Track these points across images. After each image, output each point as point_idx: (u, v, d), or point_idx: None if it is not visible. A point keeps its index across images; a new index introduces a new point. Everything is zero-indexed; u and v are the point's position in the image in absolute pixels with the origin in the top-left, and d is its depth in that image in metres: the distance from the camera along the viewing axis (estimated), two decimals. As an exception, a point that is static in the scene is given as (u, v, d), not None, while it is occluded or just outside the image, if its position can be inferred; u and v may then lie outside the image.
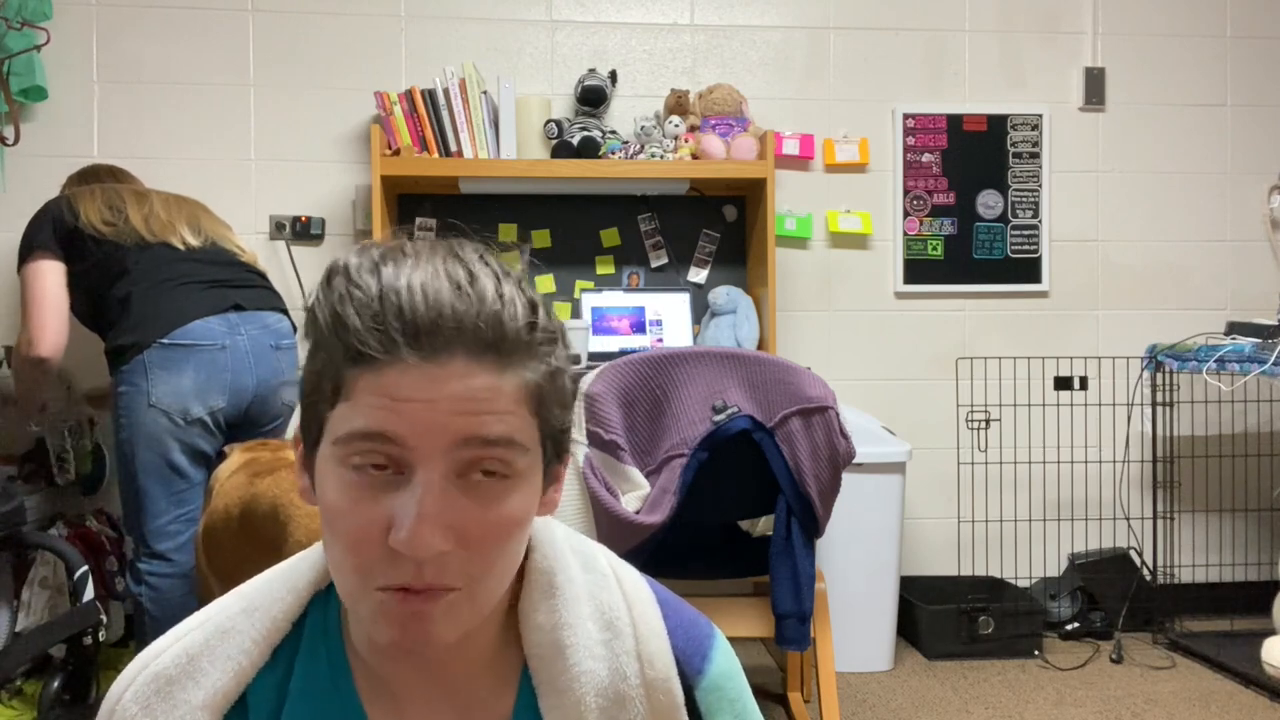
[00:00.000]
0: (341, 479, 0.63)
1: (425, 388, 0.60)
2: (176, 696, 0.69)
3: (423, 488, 0.60)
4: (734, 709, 0.75)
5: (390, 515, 0.61)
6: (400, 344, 0.60)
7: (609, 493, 1.93)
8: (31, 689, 2.44)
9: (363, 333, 0.61)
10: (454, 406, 0.61)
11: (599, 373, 1.99)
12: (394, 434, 0.60)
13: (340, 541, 0.63)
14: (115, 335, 2.25)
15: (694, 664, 0.74)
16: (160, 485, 2.22)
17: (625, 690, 0.70)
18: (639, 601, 0.74)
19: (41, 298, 2.27)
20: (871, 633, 2.80)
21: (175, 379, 2.19)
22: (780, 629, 2.02)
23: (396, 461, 0.62)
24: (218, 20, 3.04)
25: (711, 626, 0.77)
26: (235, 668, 0.70)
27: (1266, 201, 3.39)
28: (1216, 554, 3.31)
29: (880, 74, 3.27)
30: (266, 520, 1.99)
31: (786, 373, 2.00)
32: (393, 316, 0.60)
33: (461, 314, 0.61)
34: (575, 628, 0.71)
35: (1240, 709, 2.48)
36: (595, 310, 3.03)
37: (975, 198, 3.28)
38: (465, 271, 0.63)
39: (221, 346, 2.24)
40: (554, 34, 3.18)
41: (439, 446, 0.61)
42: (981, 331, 3.29)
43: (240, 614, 0.72)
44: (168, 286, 2.26)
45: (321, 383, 0.64)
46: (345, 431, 0.62)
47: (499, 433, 0.62)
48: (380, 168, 2.80)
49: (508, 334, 0.62)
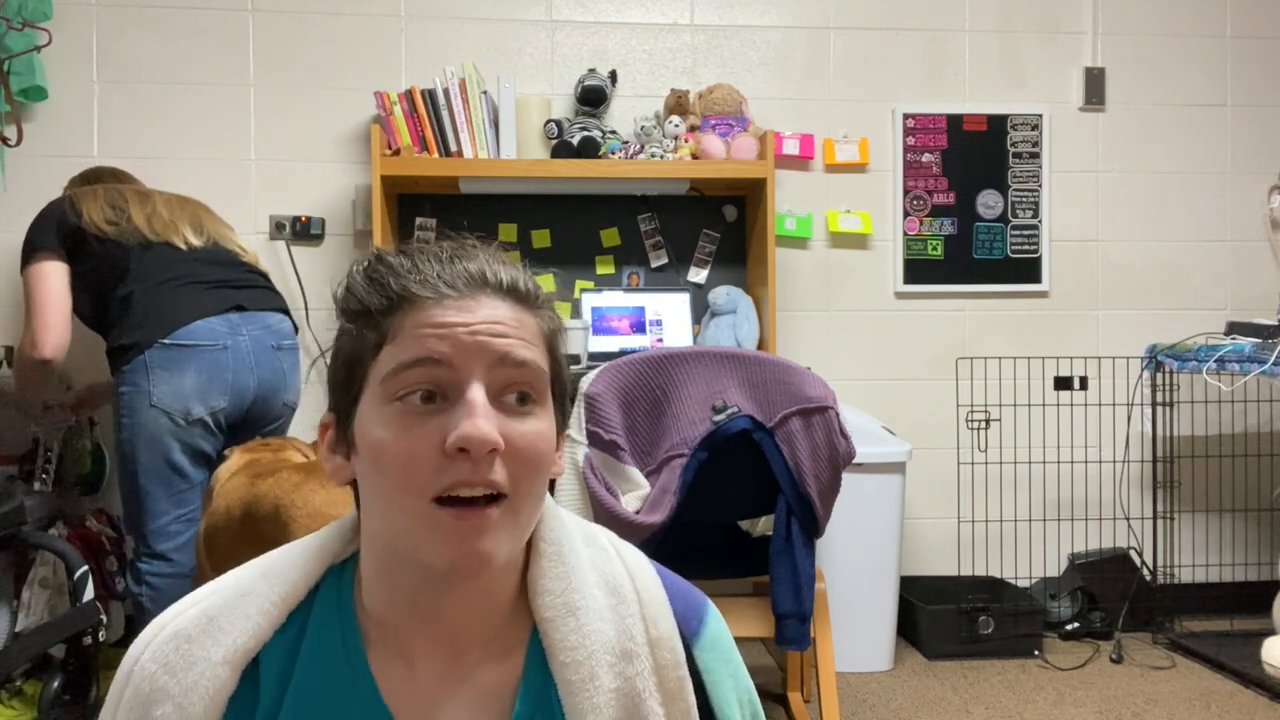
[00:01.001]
0: (389, 413, 0.70)
1: (463, 315, 0.71)
2: (195, 653, 0.73)
3: (472, 395, 0.69)
4: (729, 666, 0.81)
5: (443, 431, 0.69)
6: (440, 285, 0.72)
7: (609, 493, 1.93)
8: (31, 689, 2.44)
9: (406, 280, 0.72)
10: (489, 330, 0.71)
11: (599, 373, 1.99)
12: (441, 354, 0.69)
13: (392, 466, 0.69)
14: (117, 335, 2.25)
15: (691, 625, 0.80)
16: (161, 485, 2.22)
17: (632, 647, 0.75)
18: (640, 571, 0.80)
19: (46, 299, 2.26)
20: (871, 633, 2.80)
21: (177, 379, 2.19)
22: (780, 629, 2.02)
23: (443, 387, 0.70)
24: (218, 20, 3.04)
25: (704, 596, 0.84)
26: (254, 626, 0.74)
27: (1266, 201, 3.39)
28: (1216, 554, 3.31)
29: (880, 74, 3.27)
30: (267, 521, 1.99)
31: (786, 373, 2.00)
32: (427, 267, 0.73)
33: (483, 268, 0.74)
34: (583, 591, 0.76)
35: (1240, 709, 2.48)
36: (595, 310, 3.03)
37: (975, 198, 3.28)
38: (480, 250, 0.76)
39: (223, 347, 2.24)
40: (554, 34, 3.18)
41: (480, 364, 0.70)
42: (981, 331, 3.29)
43: (260, 578, 0.77)
44: (170, 286, 2.26)
45: (362, 340, 0.73)
46: (394, 365, 0.70)
47: (527, 356, 0.72)
48: (380, 168, 2.80)
49: (521, 288, 0.75)
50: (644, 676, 0.74)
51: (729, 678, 0.80)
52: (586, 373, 2.02)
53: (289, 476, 2.07)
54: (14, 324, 2.94)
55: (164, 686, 0.72)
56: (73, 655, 2.33)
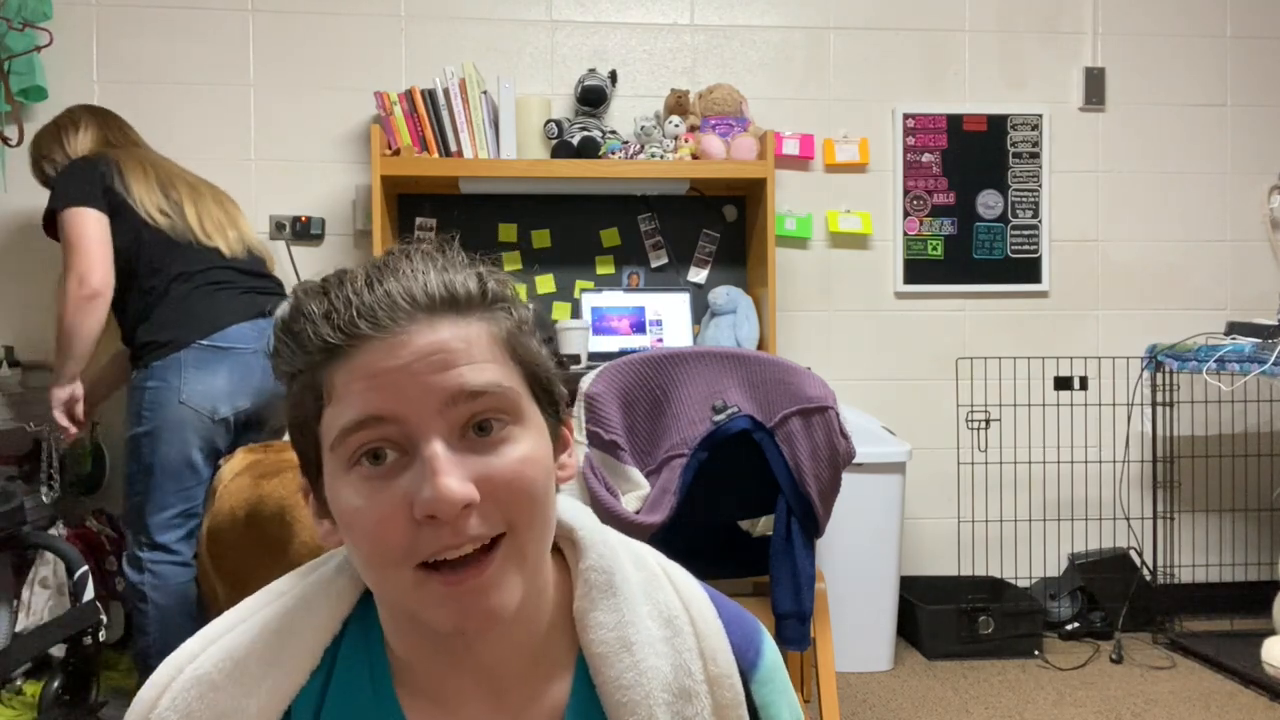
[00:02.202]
0: (350, 483, 0.62)
1: (394, 354, 0.61)
2: (223, 704, 0.65)
3: (430, 451, 0.60)
4: (787, 698, 0.75)
5: (408, 495, 0.61)
6: (359, 326, 0.61)
7: (609, 493, 1.93)
8: (31, 689, 2.43)
9: (323, 329, 0.62)
10: (428, 364, 0.61)
11: (599, 373, 1.99)
12: (383, 411, 0.61)
13: (366, 540, 0.62)
14: (150, 330, 2.26)
15: (749, 657, 0.74)
16: (173, 480, 2.25)
17: (690, 685, 0.70)
18: (695, 600, 0.74)
19: (89, 239, 2.19)
20: (871, 633, 2.80)
21: (210, 379, 2.23)
22: (780, 629, 2.01)
23: (397, 443, 0.62)
24: (218, 20, 3.04)
25: (757, 620, 0.77)
26: (293, 669, 0.67)
27: (1266, 201, 3.39)
28: (1216, 554, 3.31)
29: (880, 74, 3.27)
30: (272, 522, 1.99)
31: (786, 373, 1.99)
32: (344, 307, 0.62)
33: (408, 287, 0.63)
34: (638, 625, 0.70)
35: (1240, 709, 2.47)
36: (595, 310, 3.03)
37: (975, 198, 3.28)
38: (404, 261, 0.65)
39: (254, 351, 2.29)
40: (554, 34, 3.18)
41: (430, 409, 0.61)
42: (981, 331, 3.29)
43: (296, 614, 0.69)
44: (210, 290, 2.30)
45: (304, 402, 0.65)
46: (339, 428, 0.62)
47: (482, 381, 0.62)
48: (380, 168, 2.80)
49: (458, 293, 0.64)
50: (703, 717, 0.69)
51: (786, 710, 0.75)
52: (586, 373, 2.02)
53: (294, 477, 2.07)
54: (14, 324, 2.94)
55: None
56: (73, 655, 2.33)
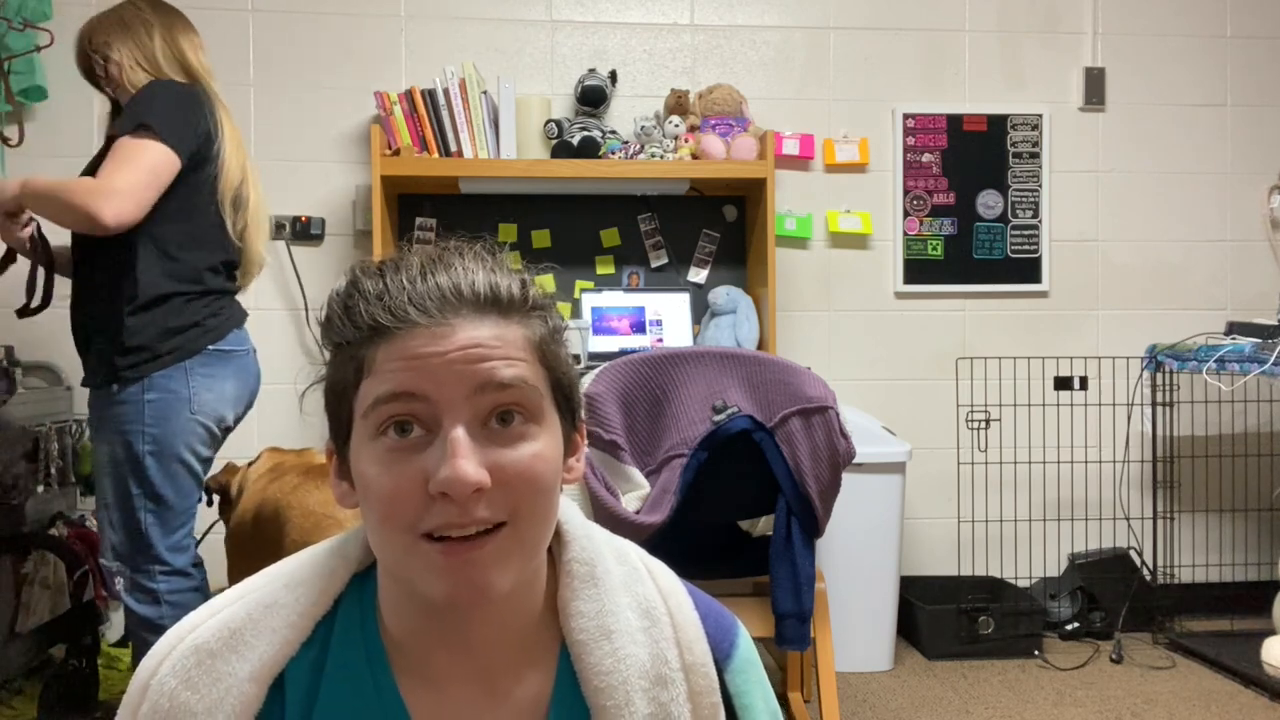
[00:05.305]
0: (374, 450, 0.68)
1: (437, 342, 0.67)
2: (220, 669, 0.70)
3: (452, 432, 0.65)
4: (761, 688, 0.81)
5: (425, 470, 0.66)
6: (409, 312, 0.67)
7: (609, 493, 1.93)
8: (31, 689, 2.44)
9: (375, 310, 0.68)
10: (465, 356, 0.67)
11: (599, 373, 1.99)
12: (416, 389, 0.66)
13: (380, 504, 0.67)
14: (156, 334, 1.98)
15: (723, 648, 0.79)
16: (182, 498, 2.03)
17: (666, 673, 0.74)
18: (673, 593, 0.78)
19: (149, 174, 1.89)
20: (871, 633, 2.80)
21: (219, 385, 2.04)
22: (780, 629, 2.02)
23: (423, 420, 0.67)
24: (218, 20, 3.04)
25: (733, 615, 0.82)
26: (281, 640, 0.72)
27: (1266, 201, 3.39)
28: (1216, 554, 3.31)
29: (880, 74, 3.27)
30: (270, 522, 2.01)
31: (786, 373, 2.00)
32: (398, 292, 0.68)
33: (458, 283, 0.69)
34: (617, 614, 0.75)
35: (1240, 709, 2.47)
36: (595, 310, 3.03)
37: (975, 198, 3.28)
38: (457, 257, 0.71)
39: (249, 352, 2.15)
40: (554, 34, 3.18)
41: (459, 395, 0.66)
42: (981, 331, 3.29)
43: (283, 589, 0.74)
44: (229, 294, 2.14)
45: (344, 372, 0.70)
46: (372, 399, 0.67)
47: (511, 376, 0.68)
48: (380, 168, 2.80)
49: (502, 296, 0.70)
50: (678, 703, 0.73)
51: (760, 700, 0.80)
52: (586, 373, 2.02)
53: (291, 479, 2.09)
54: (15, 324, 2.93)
55: (186, 703, 0.69)
56: (73, 655, 2.33)
